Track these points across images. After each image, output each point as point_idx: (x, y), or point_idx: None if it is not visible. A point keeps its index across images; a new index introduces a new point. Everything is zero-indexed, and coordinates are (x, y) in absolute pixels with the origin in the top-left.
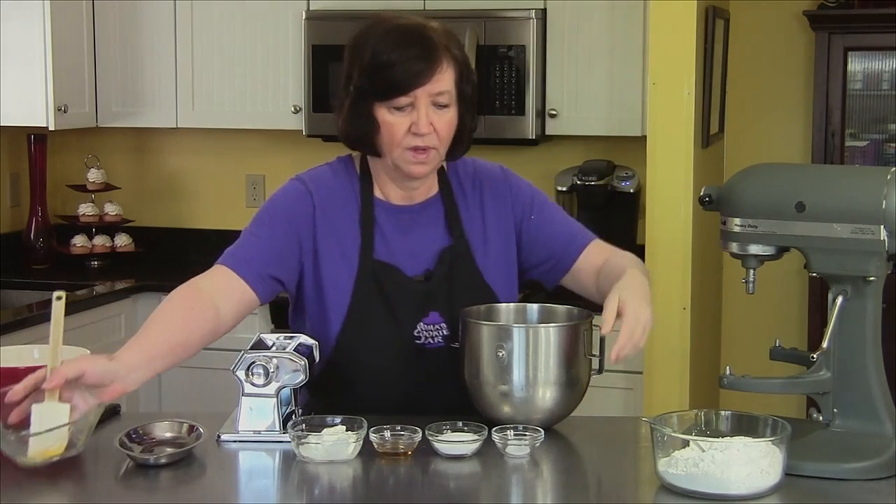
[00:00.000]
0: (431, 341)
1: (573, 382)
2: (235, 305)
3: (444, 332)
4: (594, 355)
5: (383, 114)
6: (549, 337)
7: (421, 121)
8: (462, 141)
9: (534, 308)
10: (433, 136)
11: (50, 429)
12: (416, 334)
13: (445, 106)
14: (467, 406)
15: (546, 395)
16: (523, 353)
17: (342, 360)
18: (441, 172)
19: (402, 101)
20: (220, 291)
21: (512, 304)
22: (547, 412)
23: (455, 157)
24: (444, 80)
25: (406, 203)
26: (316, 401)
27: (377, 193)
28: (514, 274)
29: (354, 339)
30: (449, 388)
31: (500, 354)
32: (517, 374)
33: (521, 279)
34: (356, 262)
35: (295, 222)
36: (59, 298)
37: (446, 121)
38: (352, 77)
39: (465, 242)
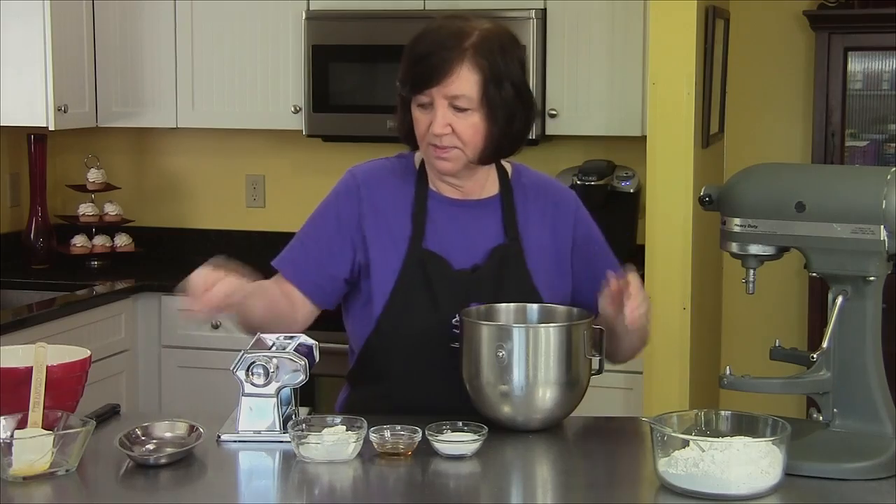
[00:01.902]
0: None
1: (573, 382)
2: (302, 315)
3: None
4: (594, 355)
5: (414, 110)
6: (549, 337)
7: (436, 122)
8: (498, 145)
9: (534, 308)
10: (452, 137)
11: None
12: (455, 324)
13: (466, 110)
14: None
15: (546, 395)
16: (523, 353)
17: (380, 346)
18: (503, 175)
19: (423, 98)
20: (288, 294)
21: (512, 305)
22: (547, 412)
23: (487, 162)
24: (462, 85)
25: (461, 198)
26: (356, 393)
27: (432, 186)
28: (567, 285)
29: (394, 324)
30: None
31: (501, 354)
32: (517, 375)
33: None
34: (405, 249)
35: (340, 216)
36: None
37: (468, 124)
38: (399, 74)
39: (518, 243)
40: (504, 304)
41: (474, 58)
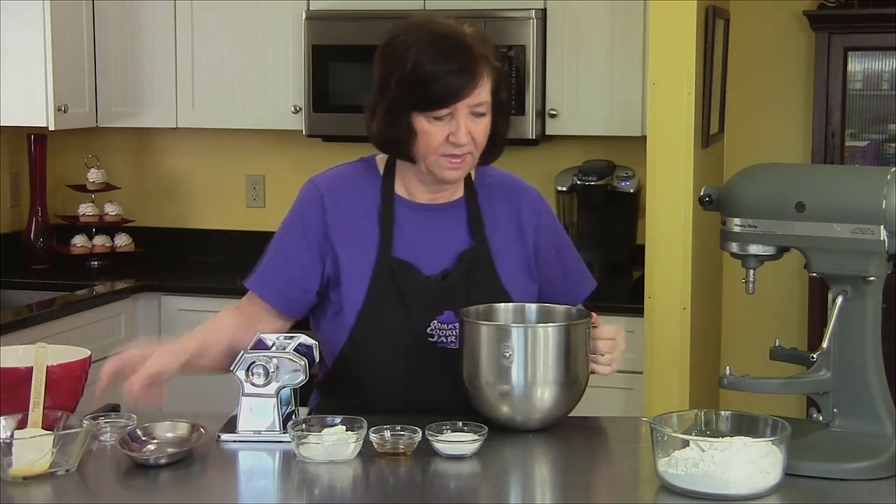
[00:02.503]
0: (444, 340)
1: (572, 382)
2: (271, 326)
3: (457, 332)
4: (594, 353)
5: (421, 122)
6: (549, 337)
7: (460, 132)
8: (496, 145)
9: (532, 308)
10: (470, 144)
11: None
12: (429, 332)
13: (482, 114)
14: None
15: (545, 395)
16: (522, 353)
17: (355, 356)
18: (467, 178)
19: (442, 112)
20: (255, 317)
21: (511, 305)
22: (546, 412)
23: (488, 160)
24: (484, 92)
25: (429, 202)
26: (328, 402)
27: (399, 191)
28: (534, 286)
29: (368, 334)
30: (460, 388)
31: (508, 354)
32: (516, 374)
33: None
34: (374, 258)
35: (307, 230)
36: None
37: (482, 128)
38: (388, 84)
39: (485, 246)
40: (503, 304)
41: (488, 62)
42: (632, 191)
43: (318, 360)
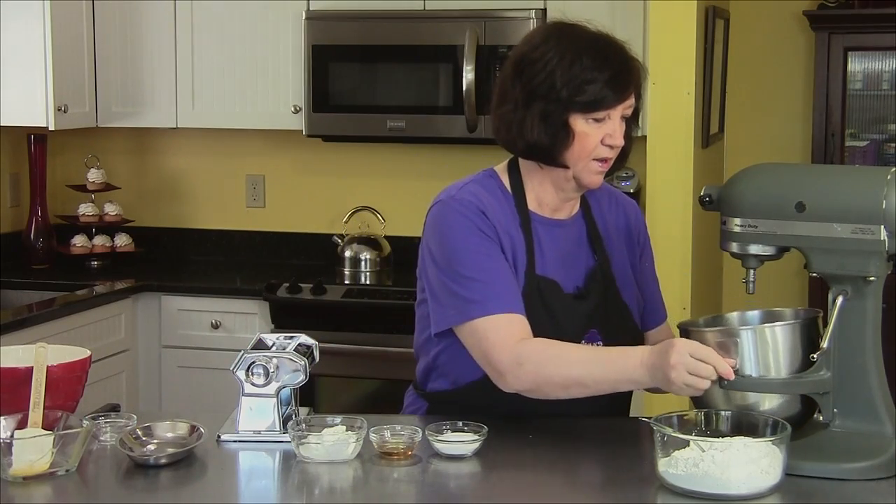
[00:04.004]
0: None
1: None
2: None
3: (599, 343)
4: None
5: (580, 124)
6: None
7: (616, 132)
8: (625, 153)
9: (755, 314)
10: (618, 148)
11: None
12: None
13: (626, 118)
14: (613, 413)
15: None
16: (753, 356)
17: None
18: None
19: (602, 113)
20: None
21: (734, 313)
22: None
23: (616, 169)
24: (633, 95)
25: (557, 218)
26: (457, 410)
27: (531, 206)
28: (639, 295)
29: None
30: (600, 397)
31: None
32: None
33: None
34: (523, 275)
35: (491, 235)
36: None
37: (625, 133)
38: (543, 88)
39: (607, 262)
40: (727, 314)
41: (639, 64)
42: (632, 191)
43: (317, 360)
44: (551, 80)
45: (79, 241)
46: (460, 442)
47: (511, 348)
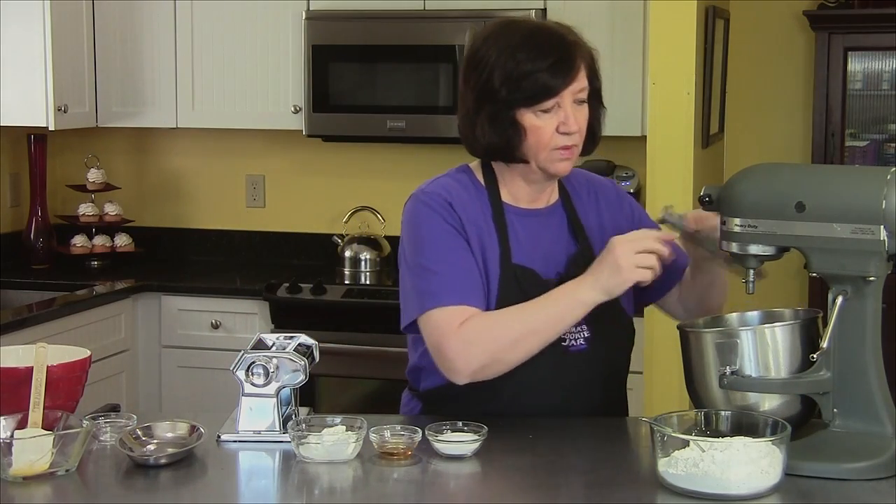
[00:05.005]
0: (574, 343)
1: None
2: None
3: (586, 335)
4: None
5: (530, 119)
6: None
7: (569, 119)
8: (594, 136)
9: (754, 315)
10: (577, 133)
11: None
12: (561, 336)
13: (583, 101)
14: (609, 409)
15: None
16: (754, 356)
17: None
18: (559, 180)
19: (549, 103)
20: None
21: (734, 314)
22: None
23: (587, 153)
24: (583, 77)
25: (533, 207)
26: (449, 408)
27: (505, 198)
28: None
29: None
30: (592, 390)
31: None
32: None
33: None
34: (497, 265)
35: (456, 227)
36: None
37: (585, 115)
38: (488, 88)
39: (589, 248)
40: (726, 315)
41: (581, 48)
42: (632, 191)
43: (317, 360)
44: (491, 81)
45: (79, 241)
46: (460, 442)
47: (456, 332)
